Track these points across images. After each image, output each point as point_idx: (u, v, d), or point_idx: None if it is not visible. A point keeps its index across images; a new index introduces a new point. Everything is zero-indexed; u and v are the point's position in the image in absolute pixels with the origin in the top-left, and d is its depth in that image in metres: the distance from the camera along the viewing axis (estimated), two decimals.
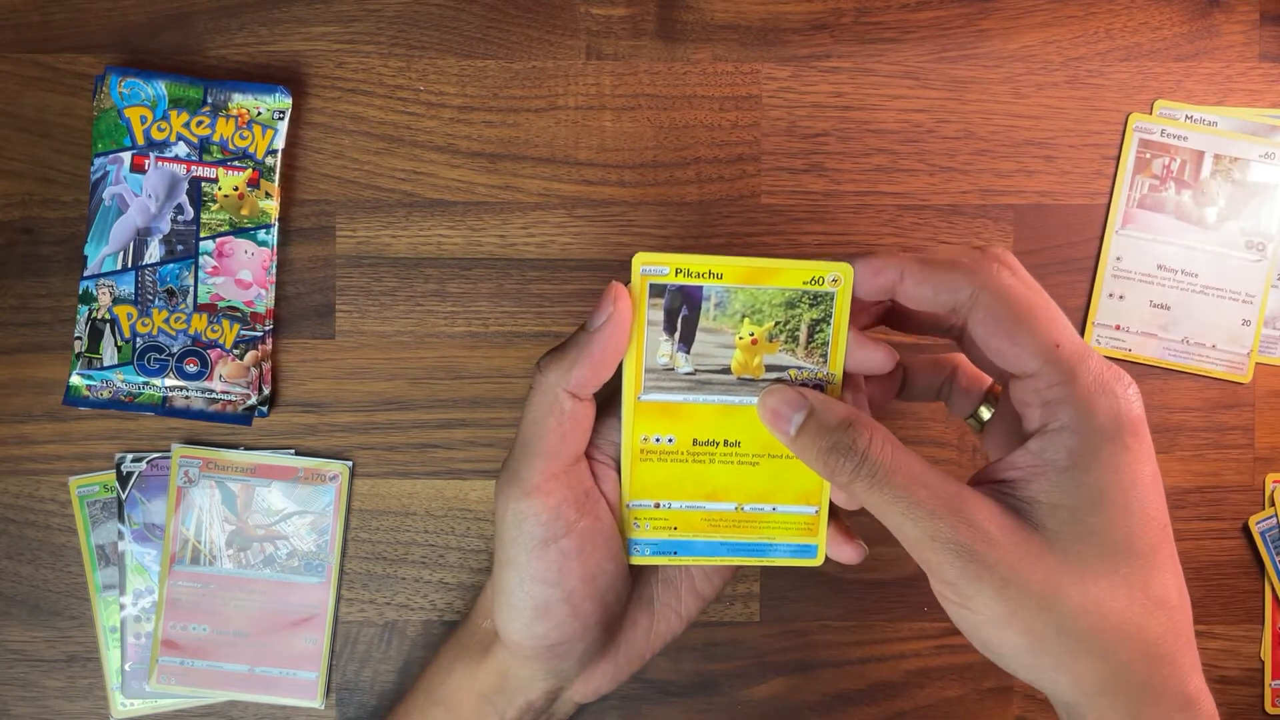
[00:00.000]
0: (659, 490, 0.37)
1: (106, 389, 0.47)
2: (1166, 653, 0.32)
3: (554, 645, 0.38)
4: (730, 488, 0.37)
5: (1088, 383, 0.32)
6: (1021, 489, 0.33)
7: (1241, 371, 0.50)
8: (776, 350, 0.35)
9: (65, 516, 0.48)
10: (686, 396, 0.36)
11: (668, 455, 0.37)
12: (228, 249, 0.47)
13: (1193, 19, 0.50)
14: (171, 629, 0.48)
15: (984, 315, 0.33)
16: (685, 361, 0.35)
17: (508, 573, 0.37)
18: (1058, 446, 0.32)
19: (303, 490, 0.48)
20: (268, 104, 0.47)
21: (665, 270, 0.34)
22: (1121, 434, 0.32)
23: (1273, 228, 0.49)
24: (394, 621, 0.49)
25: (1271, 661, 0.50)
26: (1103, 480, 0.32)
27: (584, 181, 0.49)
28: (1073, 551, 0.31)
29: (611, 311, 0.34)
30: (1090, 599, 0.31)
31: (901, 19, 0.49)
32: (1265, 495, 0.50)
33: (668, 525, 0.38)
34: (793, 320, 0.35)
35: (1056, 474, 0.32)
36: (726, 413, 0.36)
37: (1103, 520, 0.32)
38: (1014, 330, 0.33)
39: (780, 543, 0.38)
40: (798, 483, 0.37)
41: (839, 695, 0.49)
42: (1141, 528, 0.32)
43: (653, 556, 0.38)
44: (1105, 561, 0.31)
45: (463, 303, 0.49)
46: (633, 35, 0.49)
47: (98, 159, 0.47)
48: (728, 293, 0.34)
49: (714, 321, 0.35)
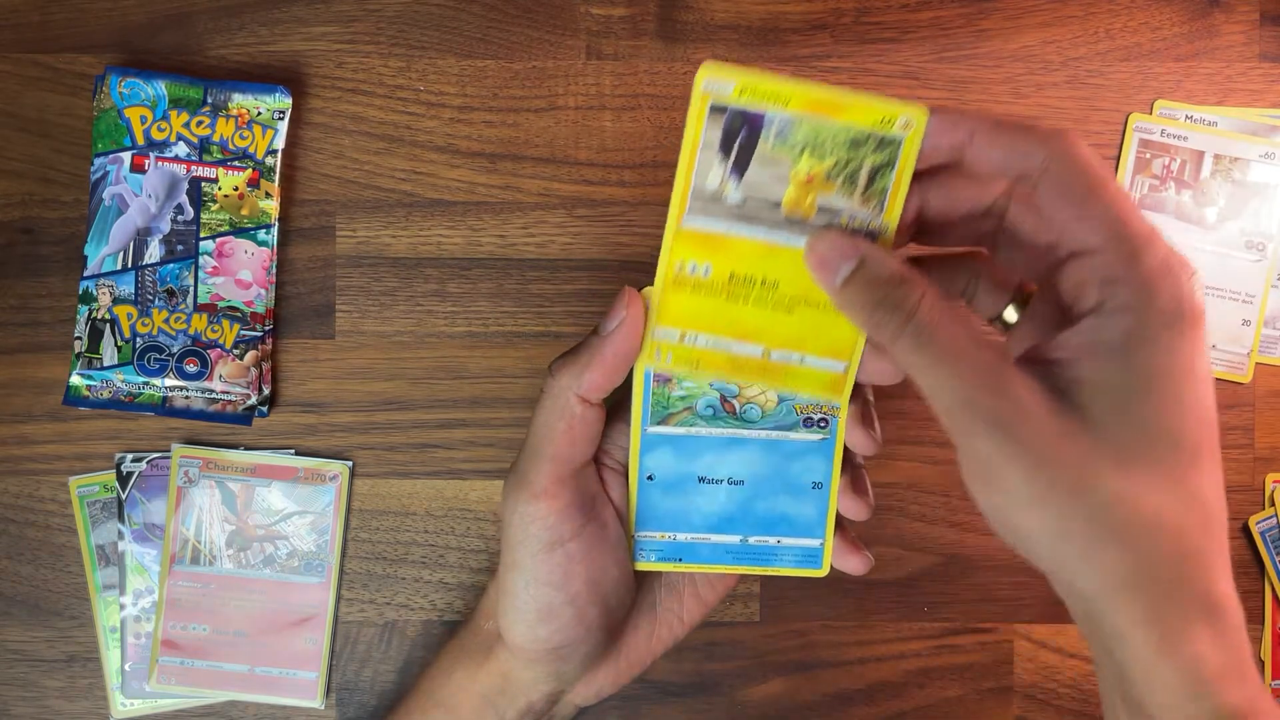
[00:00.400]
0: (688, 319, 0.35)
1: (106, 389, 0.47)
2: (1199, 552, 0.30)
3: (557, 648, 0.38)
4: (761, 330, 0.35)
5: (1153, 263, 0.30)
6: (1069, 369, 0.30)
7: (1241, 371, 0.50)
8: (833, 191, 0.33)
9: (65, 516, 0.48)
10: (731, 227, 0.33)
11: (702, 287, 0.34)
12: (228, 249, 0.47)
13: (1193, 19, 0.50)
14: (171, 629, 0.48)
15: (1054, 182, 0.31)
16: (735, 189, 0.33)
17: (513, 575, 0.37)
18: (1113, 327, 0.30)
19: (303, 490, 0.48)
20: (268, 104, 0.47)
21: (730, 88, 0.31)
22: (1182, 320, 0.29)
23: (1273, 228, 0.49)
24: (394, 621, 0.49)
25: (1271, 661, 0.50)
26: (1157, 365, 0.29)
27: (584, 181, 0.49)
28: (1115, 437, 0.29)
29: (624, 317, 0.34)
30: (1127, 488, 0.29)
31: (901, 19, 0.49)
32: (1265, 495, 0.50)
33: (690, 360, 0.36)
34: (854, 161, 0.32)
35: (1108, 355, 0.30)
36: (769, 252, 0.34)
37: (1151, 407, 0.29)
38: (1086, 200, 0.30)
39: (786, 546, 0.37)
40: (831, 335, 0.35)
41: (839, 695, 0.49)
42: (1192, 420, 0.30)
43: (658, 562, 0.38)
44: (1148, 451, 0.29)
45: (463, 303, 0.49)
46: (633, 35, 0.49)
47: (98, 159, 0.47)
48: (791, 122, 0.32)
49: (772, 151, 0.32)
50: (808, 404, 0.37)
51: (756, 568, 0.38)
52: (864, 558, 0.38)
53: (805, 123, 0.32)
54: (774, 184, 0.33)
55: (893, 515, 0.49)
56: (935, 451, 0.50)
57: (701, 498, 0.38)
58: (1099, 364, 0.30)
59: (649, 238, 0.49)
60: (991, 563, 0.50)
